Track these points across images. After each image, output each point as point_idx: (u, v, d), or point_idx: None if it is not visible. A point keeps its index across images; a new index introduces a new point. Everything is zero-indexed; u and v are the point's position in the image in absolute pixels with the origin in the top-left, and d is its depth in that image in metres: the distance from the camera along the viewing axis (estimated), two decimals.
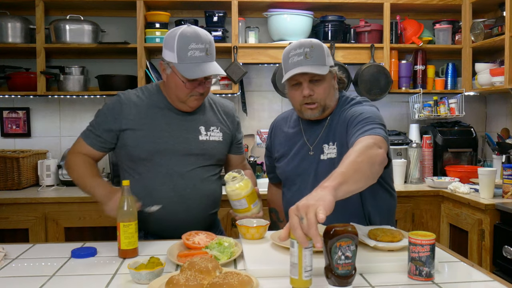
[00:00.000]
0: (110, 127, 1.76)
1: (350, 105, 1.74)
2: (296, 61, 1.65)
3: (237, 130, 1.94)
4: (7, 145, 3.40)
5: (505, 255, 2.37)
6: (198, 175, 1.77)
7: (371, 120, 1.58)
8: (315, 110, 1.71)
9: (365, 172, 1.33)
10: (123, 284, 1.26)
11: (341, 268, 1.12)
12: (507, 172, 2.52)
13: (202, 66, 1.66)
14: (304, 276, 1.13)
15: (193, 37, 1.65)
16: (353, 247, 1.13)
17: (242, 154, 1.99)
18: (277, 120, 1.97)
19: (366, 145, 1.41)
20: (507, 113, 3.39)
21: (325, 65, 1.67)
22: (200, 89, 1.71)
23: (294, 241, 1.12)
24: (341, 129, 1.69)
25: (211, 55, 1.69)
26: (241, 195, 1.66)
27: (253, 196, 1.69)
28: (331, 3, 3.28)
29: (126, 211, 1.47)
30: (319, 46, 1.68)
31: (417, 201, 2.93)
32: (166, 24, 3.21)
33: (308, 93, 1.67)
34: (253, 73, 3.51)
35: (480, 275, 1.31)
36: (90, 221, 2.79)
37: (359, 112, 1.64)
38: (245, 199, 1.67)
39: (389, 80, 3.28)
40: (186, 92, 1.71)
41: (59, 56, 3.36)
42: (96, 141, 1.79)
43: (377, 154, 1.40)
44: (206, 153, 1.78)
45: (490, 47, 3.23)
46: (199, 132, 1.79)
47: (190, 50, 1.64)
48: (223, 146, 1.86)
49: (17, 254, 1.53)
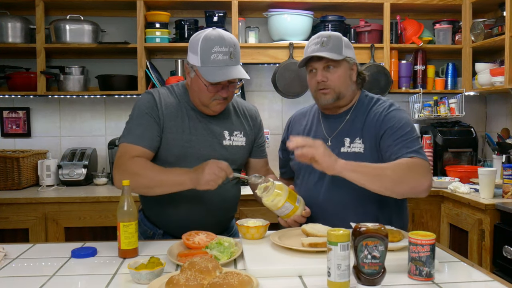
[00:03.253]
0: (157, 125, 1.68)
1: (382, 106, 1.74)
2: (312, 49, 1.72)
3: (259, 133, 1.91)
4: (7, 145, 3.40)
5: (505, 255, 2.37)
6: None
7: (413, 137, 1.66)
8: (329, 96, 1.73)
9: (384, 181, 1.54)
10: (123, 284, 1.26)
11: (367, 267, 1.13)
12: (507, 172, 2.52)
13: (225, 69, 1.62)
14: (337, 277, 1.14)
15: (217, 40, 1.62)
16: (382, 247, 1.13)
17: (264, 158, 1.95)
18: (296, 115, 2.00)
19: (412, 164, 1.57)
20: (507, 113, 3.39)
21: (341, 54, 1.71)
22: (223, 94, 1.67)
23: (331, 246, 1.15)
24: (372, 129, 1.71)
25: (235, 58, 1.65)
26: (282, 201, 1.59)
27: (291, 195, 1.63)
28: (331, 3, 3.28)
29: (126, 211, 1.47)
30: (337, 37, 1.73)
31: (417, 201, 2.93)
32: (166, 24, 3.21)
33: (321, 78, 1.71)
34: (253, 73, 3.51)
35: (480, 275, 1.31)
36: (90, 221, 2.79)
37: (399, 123, 1.67)
38: (288, 201, 1.60)
39: (389, 80, 3.28)
40: (209, 96, 1.67)
41: (59, 56, 3.36)
42: (153, 141, 1.67)
43: (419, 183, 1.57)
44: (229, 158, 1.71)
45: (490, 47, 3.22)
46: (223, 137, 1.77)
47: (214, 53, 1.61)
48: (245, 151, 1.83)
49: (17, 254, 1.53)
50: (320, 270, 1.23)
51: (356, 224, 1.17)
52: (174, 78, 3.16)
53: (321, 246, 1.38)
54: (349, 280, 1.16)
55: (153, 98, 1.71)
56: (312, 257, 1.37)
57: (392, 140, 1.65)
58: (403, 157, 1.58)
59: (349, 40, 3.34)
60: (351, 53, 1.76)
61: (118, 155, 1.67)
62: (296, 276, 1.29)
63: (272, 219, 1.78)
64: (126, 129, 1.71)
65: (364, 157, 1.68)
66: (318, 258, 1.33)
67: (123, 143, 1.67)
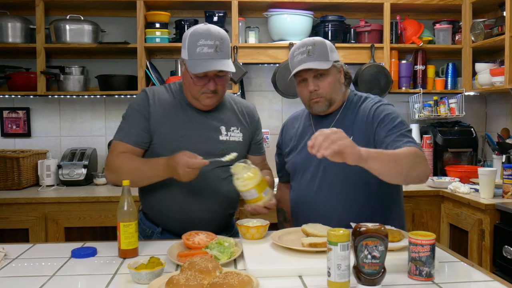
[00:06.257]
0: (146, 121, 1.73)
1: (372, 102, 1.75)
2: (300, 59, 1.71)
3: (257, 130, 1.93)
4: (7, 145, 3.40)
5: (505, 255, 2.37)
6: (218, 175, 1.76)
7: (406, 129, 1.66)
8: (321, 103, 1.74)
9: (400, 167, 1.47)
10: (123, 284, 1.26)
11: (367, 267, 1.13)
12: (507, 172, 2.52)
13: (209, 62, 1.65)
14: (337, 277, 1.14)
15: (203, 33, 1.66)
16: (382, 247, 1.13)
17: (262, 155, 1.97)
18: (289, 119, 2.02)
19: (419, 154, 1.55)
20: (507, 113, 3.39)
21: (328, 60, 1.71)
22: (210, 86, 1.69)
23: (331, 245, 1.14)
24: (363, 125, 1.71)
25: (222, 52, 1.67)
26: (250, 185, 1.61)
27: (262, 184, 1.64)
28: (331, 3, 3.28)
29: (126, 211, 1.47)
30: (321, 43, 1.72)
31: (417, 201, 2.93)
32: (166, 24, 3.21)
33: (313, 88, 1.72)
34: (253, 73, 3.51)
35: (480, 275, 1.31)
36: (90, 221, 2.79)
37: (390, 116, 1.68)
38: (255, 189, 1.62)
39: (389, 80, 3.28)
40: (197, 89, 1.70)
41: (59, 56, 3.36)
42: (138, 138, 1.73)
43: (421, 164, 1.54)
44: (226, 153, 1.74)
45: (490, 47, 3.22)
46: (220, 132, 1.79)
47: (199, 46, 1.65)
48: (242, 147, 1.85)
49: (17, 254, 1.53)
50: (320, 270, 1.23)
51: (356, 224, 1.17)
52: (174, 78, 3.16)
53: (321, 246, 1.38)
54: (349, 280, 1.16)
55: (146, 95, 1.77)
56: (312, 257, 1.37)
57: (386, 131, 1.64)
58: (401, 147, 1.56)
59: (349, 40, 3.38)
60: (336, 55, 1.77)
61: (108, 152, 1.79)
62: (296, 276, 1.29)
63: (272, 219, 1.78)
64: (118, 127, 1.78)
65: None
66: (318, 258, 1.33)
67: (113, 140, 1.77)
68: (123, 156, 1.71)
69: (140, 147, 1.74)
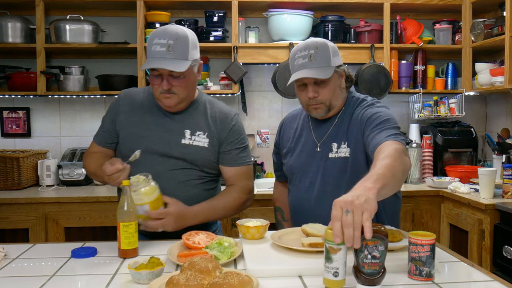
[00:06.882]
0: (112, 122, 1.81)
1: (363, 107, 1.73)
2: (301, 63, 1.67)
3: (228, 138, 1.79)
4: (7, 145, 3.40)
5: (505, 255, 2.37)
6: (176, 177, 1.73)
7: (392, 125, 1.59)
8: (320, 110, 1.73)
9: (399, 178, 1.35)
10: (123, 284, 1.26)
11: (367, 267, 1.12)
12: (507, 172, 2.52)
13: (158, 60, 1.63)
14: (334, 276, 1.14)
15: (159, 32, 1.67)
16: (382, 247, 1.12)
17: (236, 167, 1.82)
18: (287, 118, 2.00)
19: (400, 151, 1.43)
20: (507, 113, 3.39)
21: (330, 66, 1.67)
22: (164, 85, 1.66)
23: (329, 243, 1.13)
24: (355, 131, 1.70)
25: (175, 51, 1.63)
26: (144, 200, 1.57)
27: (157, 202, 1.61)
28: (331, 3, 3.28)
29: (126, 211, 1.47)
30: (324, 47, 1.68)
31: (417, 201, 2.93)
32: (166, 24, 3.20)
33: (312, 95, 1.69)
34: (253, 73, 3.51)
35: (480, 275, 1.31)
36: (90, 221, 2.79)
37: (377, 114, 1.65)
38: (149, 205, 1.58)
39: (389, 80, 3.28)
40: (155, 88, 1.70)
41: (59, 56, 3.36)
42: (103, 138, 1.83)
43: (407, 162, 1.44)
44: (187, 157, 1.73)
45: (490, 47, 3.22)
46: (183, 136, 1.76)
47: (153, 45, 1.65)
48: (207, 153, 1.77)
49: (17, 254, 1.53)
50: (320, 270, 1.23)
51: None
52: None
53: (321, 246, 1.37)
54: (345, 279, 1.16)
55: (119, 97, 1.84)
56: (312, 257, 1.37)
57: (371, 128, 1.61)
58: (382, 141, 1.50)
59: (349, 40, 3.38)
60: (339, 59, 1.72)
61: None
62: (296, 276, 1.29)
63: (272, 219, 1.78)
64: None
65: (351, 162, 1.69)
66: (318, 258, 1.33)
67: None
68: (91, 156, 1.84)
69: (106, 147, 1.84)
